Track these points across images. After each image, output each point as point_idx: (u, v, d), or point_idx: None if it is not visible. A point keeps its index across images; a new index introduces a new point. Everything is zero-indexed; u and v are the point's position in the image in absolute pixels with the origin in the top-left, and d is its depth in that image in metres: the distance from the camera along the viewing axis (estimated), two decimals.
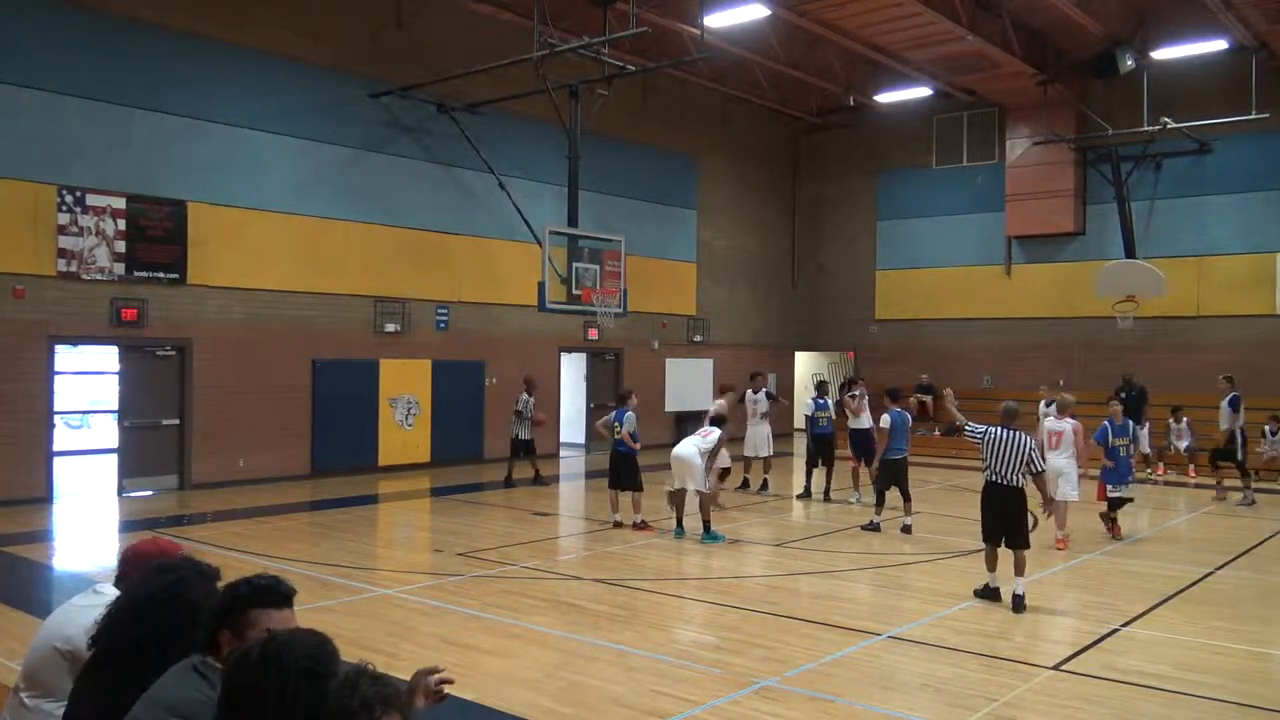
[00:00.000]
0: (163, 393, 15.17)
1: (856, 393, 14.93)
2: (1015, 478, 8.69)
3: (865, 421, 14.60)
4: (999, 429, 8.83)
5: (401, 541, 12.93)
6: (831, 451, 15.15)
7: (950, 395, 10.58)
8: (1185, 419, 18.74)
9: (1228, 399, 15.30)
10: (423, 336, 18.24)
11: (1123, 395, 17.74)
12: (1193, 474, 18.15)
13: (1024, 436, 8.77)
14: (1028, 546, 8.72)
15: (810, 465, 15.31)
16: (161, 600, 3.01)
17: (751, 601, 8.81)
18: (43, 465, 13.93)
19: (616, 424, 12.52)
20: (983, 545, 9.02)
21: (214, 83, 15.31)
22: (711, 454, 11.84)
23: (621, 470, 12.47)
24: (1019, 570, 8.55)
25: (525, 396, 16.42)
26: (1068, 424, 11.75)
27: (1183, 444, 18.54)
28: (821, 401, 15.35)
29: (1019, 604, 8.44)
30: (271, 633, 2.31)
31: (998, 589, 8.75)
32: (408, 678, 2.64)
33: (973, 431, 9.00)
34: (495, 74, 16.67)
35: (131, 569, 3.57)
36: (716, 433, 11.96)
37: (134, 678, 2.82)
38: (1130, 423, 12.79)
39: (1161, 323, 21.32)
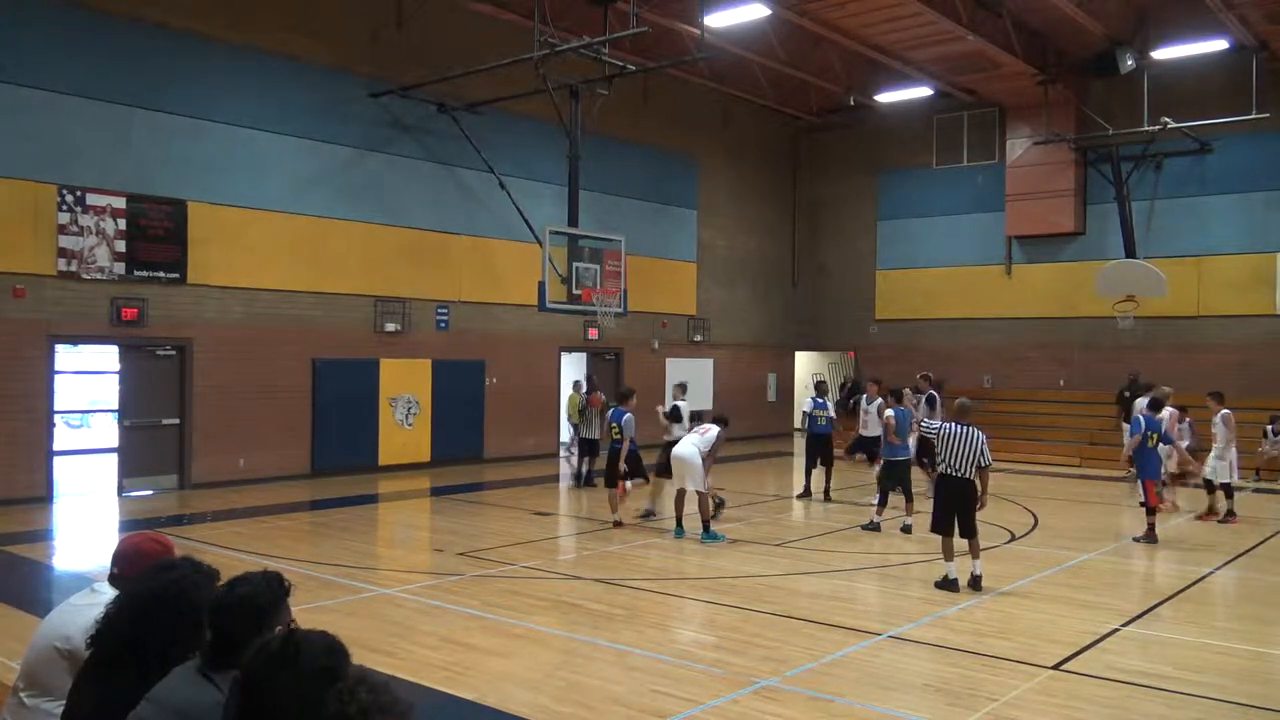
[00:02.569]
0: (163, 392, 15.18)
1: (869, 405, 14.81)
2: (968, 470, 9.18)
3: (874, 429, 14.49)
4: (954, 425, 9.31)
5: (402, 541, 12.93)
6: (830, 451, 15.12)
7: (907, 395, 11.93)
8: (1188, 419, 18.70)
9: (925, 397, 15.54)
10: (423, 336, 18.24)
11: (1126, 394, 17.77)
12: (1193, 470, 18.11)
13: (976, 432, 9.27)
14: (975, 534, 9.27)
15: (809, 465, 15.30)
16: (165, 599, 3.00)
17: (751, 601, 8.81)
18: (43, 465, 13.94)
19: (615, 425, 12.51)
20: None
21: (214, 82, 15.32)
22: (710, 453, 11.84)
23: (618, 467, 12.44)
24: (974, 554, 9.25)
25: (585, 394, 16.30)
26: (1166, 413, 13.45)
27: (1184, 444, 18.49)
28: (820, 401, 15.31)
29: (977, 583, 9.13)
30: (291, 627, 2.31)
31: (956, 579, 9.16)
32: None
33: (928, 428, 9.75)
34: (495, 74, 16.66)
35: (127, 566, 3.56)
36: (715, 430, 11.96)
37: (134, 677, 2.82)
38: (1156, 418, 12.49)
39: (1162, 323, 21.31)
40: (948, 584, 9.18)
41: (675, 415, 13.15)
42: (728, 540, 11.58)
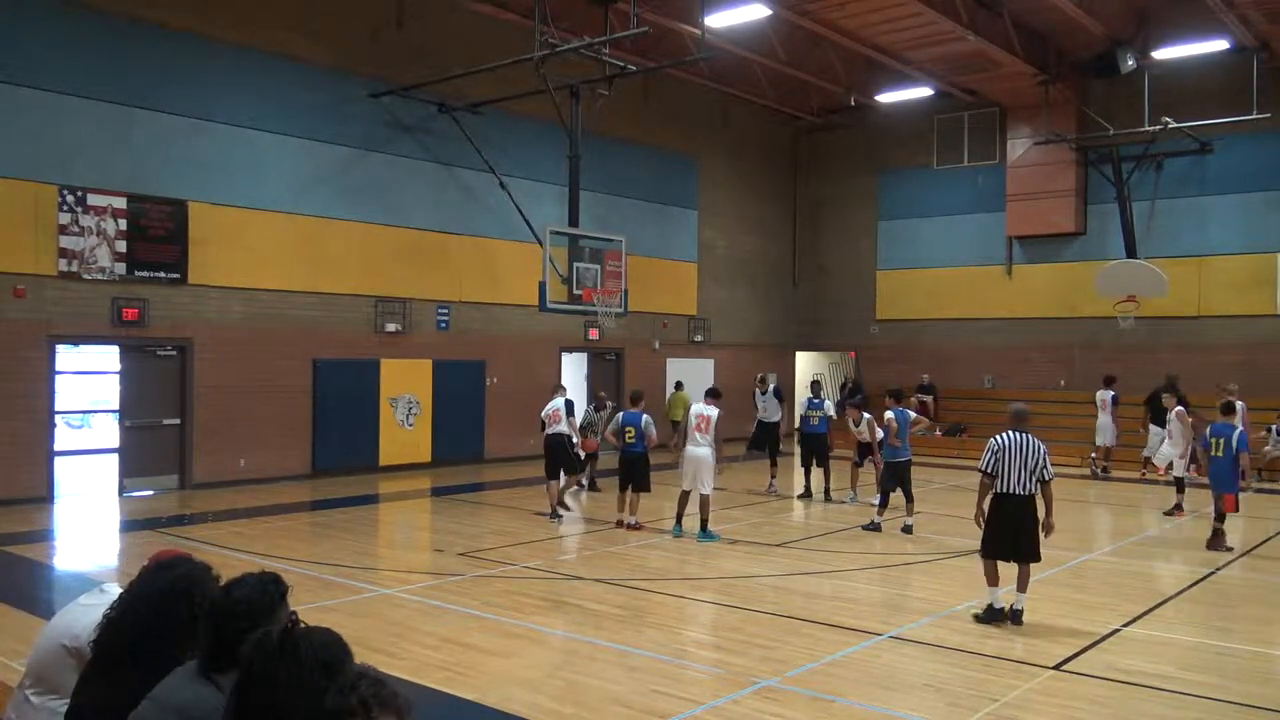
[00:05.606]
0: (163, 392, 15.18)
1: (862, 415, 14.41)
2: (1029, 486, 7.98)
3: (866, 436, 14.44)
4: (1008, 434, 8.09)
5: (402, 541, 12.93)
6: (824, 451, 15.13)
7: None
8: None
9: (772, 389, 16.44)
10: (423, 336, 18.24)
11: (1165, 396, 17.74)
12: (1194, 473, 18.10)
13: (1037, 442, 8.07)
14: (1038, 559, 8.12)
15: (805, 465, 15.35)
16: (176, 594, 3.00)
17: (752, 601, 8.81)
18: (43, 465, 13.94)
19: (630, 428, 12.45)
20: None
21: (215, 82, 15.32)
22: (716, 437, 11.91)
23: (637, 471, 12.38)
24: (1023, 585, 8.04)
25: (594, 409, 15.88)
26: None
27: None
28: (815, 401, 15.33)
29: (1018, 617, 7.97)
30: (293, 621, 2.32)
31: (1004, 608, 8.02)
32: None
33: (985, 456, 8.14)
34: (496, 74, 16.66)
35: None
36: (713, 413, 12.04)
37: (141, 675, 2.82)
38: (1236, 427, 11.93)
39: (1162, 323, 21.31)
40: (993, 615, 7.95)
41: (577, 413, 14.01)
42: (725, 540, 11.59)
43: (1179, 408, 14.46)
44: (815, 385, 16.06)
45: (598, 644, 7.48)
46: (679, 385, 18.99)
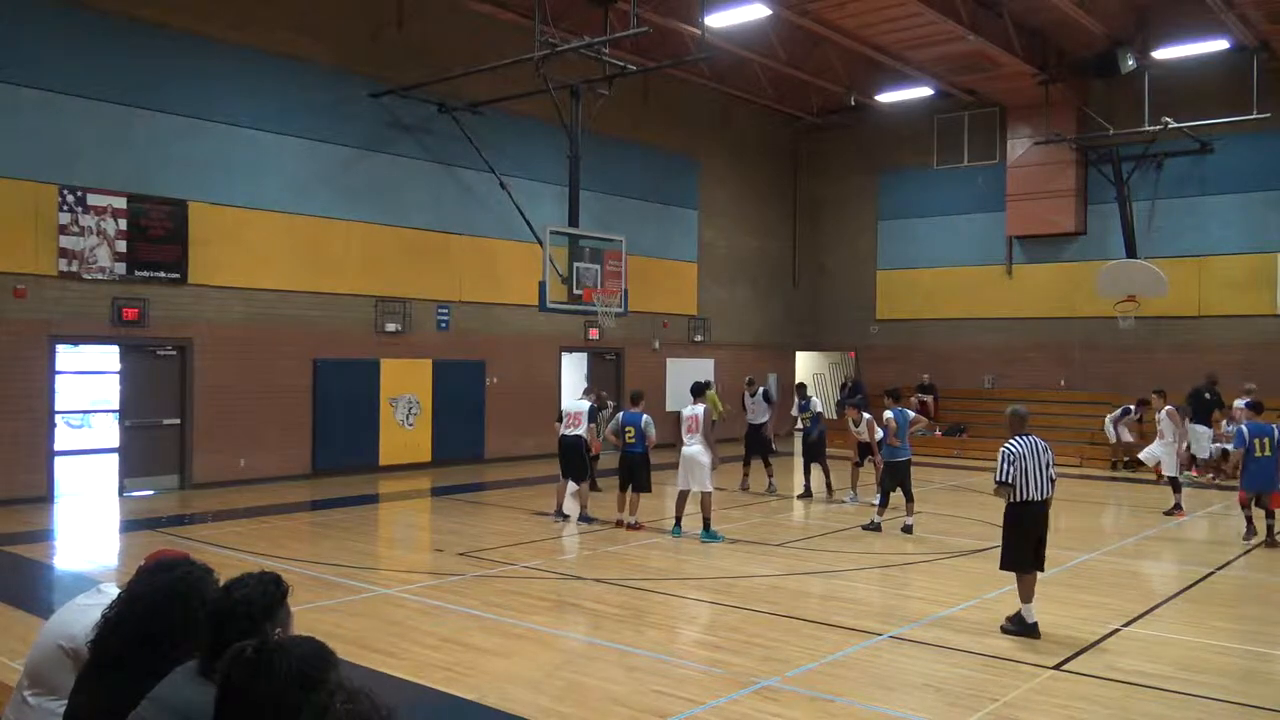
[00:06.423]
0: (164, 392, 15.18)
1: (861, 415, 14.43)
2: (1047, 489, 7.78)
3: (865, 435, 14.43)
4: (1020, 440, 7.78)
5: (402, 541, 12.93)
6: (820, 452, 15.16)
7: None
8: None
9: (761, 391, 16.27)
10: (424, 336, 18.24)
11: (1206, 396, 17.79)
12: (1195, 474, 18.14)
13: (1045, 443, 7.90)
14: (1042, 569, 7.95)
15: (805, 465, 15.44)
16: (176, 594, 3.00)
17: (752, 601, 8.81)
18: (43, 465, 13.94)
19: (630, 428, 12.45)
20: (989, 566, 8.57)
21: (215, 82, 15.32)
22: (709, 436, 11.87)
23: (637, 471, 12.35)
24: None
25: (602, 410, 15.61)
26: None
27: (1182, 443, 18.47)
28: (802, 403, 15.47)
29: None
30: (268, 633, 2.30)
31: (1037, 623, 7.66)
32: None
33: (1003, 466, 7.75)
34: (496, 74, 16.67)
35: None
36: (700, 410, 12.04)
37: (139, 676, 2.82)
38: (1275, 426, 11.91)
39: (1162, 323, 21.31)
40: (1027, 629, 7.61)
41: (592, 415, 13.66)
42: (726, 540, 11.59)
43: (1169, 407, 14.50)
44: (800, 389, 16.24)
45: (598, 644, 7.48)
46: (708, 384, 18.68)
